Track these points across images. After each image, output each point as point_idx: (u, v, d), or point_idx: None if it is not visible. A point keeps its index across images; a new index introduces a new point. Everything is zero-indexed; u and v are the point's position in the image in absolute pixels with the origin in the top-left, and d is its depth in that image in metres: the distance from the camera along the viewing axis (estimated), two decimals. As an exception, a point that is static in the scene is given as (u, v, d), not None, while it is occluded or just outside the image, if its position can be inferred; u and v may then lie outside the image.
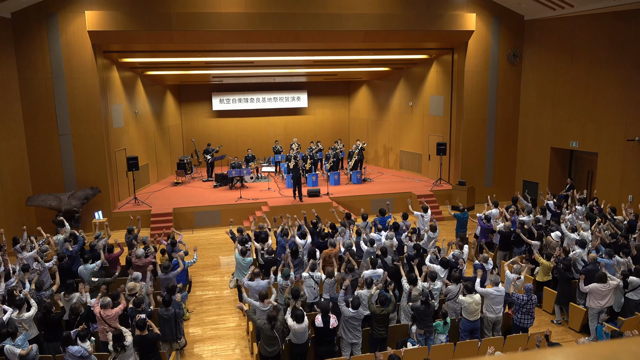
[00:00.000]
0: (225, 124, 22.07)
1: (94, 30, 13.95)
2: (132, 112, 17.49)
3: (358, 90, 22.84)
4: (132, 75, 17.66)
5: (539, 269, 9.99)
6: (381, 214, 12.23)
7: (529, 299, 8.21)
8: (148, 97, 18.84)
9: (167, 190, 18.09)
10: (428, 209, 12.31)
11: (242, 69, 18.64)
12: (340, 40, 15.75)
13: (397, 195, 17.03)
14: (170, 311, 7.84)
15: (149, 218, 15.16)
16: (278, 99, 22.02)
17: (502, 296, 8.25)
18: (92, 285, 8.84)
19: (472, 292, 8.07)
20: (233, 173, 17.51)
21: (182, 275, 9.73)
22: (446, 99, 18.01)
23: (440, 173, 18.06)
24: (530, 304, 8.21)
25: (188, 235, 15.25)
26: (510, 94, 17.31)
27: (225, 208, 15.83)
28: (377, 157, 22.00)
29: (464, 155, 17.38)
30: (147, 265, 9.43)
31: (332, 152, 18.95)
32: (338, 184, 18.28)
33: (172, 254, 10.06)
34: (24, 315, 7.60)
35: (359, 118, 22.87)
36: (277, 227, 11.62)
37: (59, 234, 11.57)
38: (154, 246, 10.28)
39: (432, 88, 18.70)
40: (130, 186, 16.65)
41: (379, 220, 11.86)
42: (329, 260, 9.80)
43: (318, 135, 22.78)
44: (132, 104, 17.54)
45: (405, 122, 20.19)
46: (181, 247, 10.77)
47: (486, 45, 16.78)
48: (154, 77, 18.89)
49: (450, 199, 16.60)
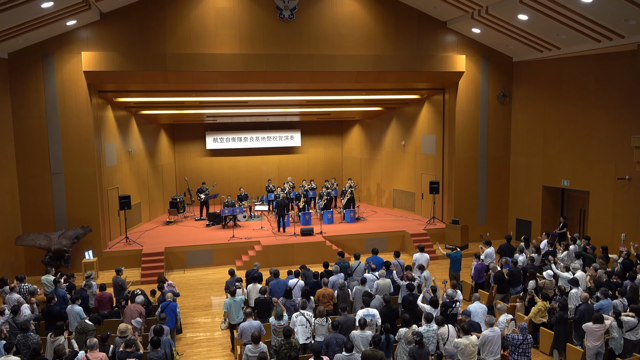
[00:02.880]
0: (218, 162, 22.13)
1: (90, 70, 14.18)
2: (126, 151, 17.56)
3: (351, 129, 23.03)
4: (126, 114, 17.81)
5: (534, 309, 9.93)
6: (373, 252, 12.22)
7: (524, 339, 8.14)
8: (142, 136, 18.95)
9: (159, 229, 18.02)
10: (424, 249, 12.34)
11: (236, 108, 18.81)
12: (332, 80, 16.02)
13: (390, 234, 17.01)
14: (160, 352, 7.69)
15: (139, 258, 15.08)
16: (271, 138, 22.16)
17: (498, 336, 8.16)
18: (79, 327, 8.69)
19: (468, 333, 7.98)
20: (226, 212, 17.51)
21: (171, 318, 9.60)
22: (438, 138, 18.19)
23: (434, 211, 18.08)
24: (526, 344, 8.14)
25: (179, 275, 15.12)
26: (500, 132, 17.54)
27: (218, 247, 15.77)
28: (370, 196, 22.01)
29: (457, 194, 17.44)
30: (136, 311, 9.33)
31: (325, 191, 19.03)
32: (331, 223, 18.25)
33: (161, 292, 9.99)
34: (10, 357, 7.46)
35: (352, 157, 23.00)
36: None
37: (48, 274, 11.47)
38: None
39: (424, 127, 18.91)
40: (122, 225, 16.54)
41: (372, 261, 11.84)
42: (323, 299, 9.74)
43: (311, 174, 22.85)
44: (126, 143, 17.62)
45: (398, 160, 20.31)
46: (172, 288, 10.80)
47: (476, 85, 17.11)
48: (148, 116, 19.04)
49: (445, 238, 16.61)
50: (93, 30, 14.31)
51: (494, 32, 15.61)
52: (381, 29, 16.00)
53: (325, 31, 15.53)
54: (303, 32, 15.37)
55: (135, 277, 14.38)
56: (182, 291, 13.25)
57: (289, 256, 15.63)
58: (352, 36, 15.74)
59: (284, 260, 15.52)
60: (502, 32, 15.35)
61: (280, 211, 16.81)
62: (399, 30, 16.13)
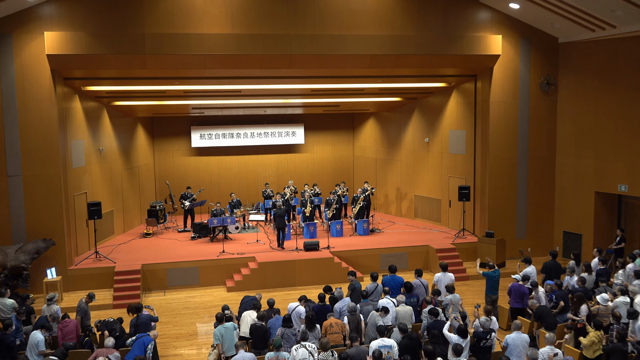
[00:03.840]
0: (206, 163, 22.16)
1: (54, 53, 14.26)
2: (96, 149, 17.64)
3: (364, 123, 23.03)
4: (97, 105, 17.90)
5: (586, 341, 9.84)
6: (391, 271, 12.22)
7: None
8: (115, 132, 19.03)
9: (135, 242, 18.08)
10: (447, 267, 12.33)
11: (227, 98, 18.85)
12: (342, 65, 16.05)
13: (412, 250, 17.00)
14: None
15: (111, 277, 15.14)
16: (269, 134, 22.22)
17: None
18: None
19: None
20: (215, 222, 17.54)
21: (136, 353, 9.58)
22: (469, 134, 18.20)
23: (464, 222, 18.04)
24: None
25: (159, 297, 15.15)
26: (544, 128, 17.52)
27: (205, 264, 15.82)
28: (388, 203, 21.98)
29: (492, 201, 17.41)
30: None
31: (333, 198, 19.07)
32: (341, 236, 18.31)
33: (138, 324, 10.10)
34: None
35: (366, 157, 22.96)
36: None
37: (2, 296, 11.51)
38: None
39: (451, 121, 18.91)
40: (91, 238, 16.57)
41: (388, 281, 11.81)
42: (331, 330, 9.74)
43: (317, 177, 22.87)
44: (96, 140, 17.71)
45: (421, 161, 20.28)
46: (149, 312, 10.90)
47: (515, 72, 17.10)
48: (122, 108, 19.11)
49: (477, 254, 16.52)
50: (58, 7, 14.36)
51: (537, 8, 15.56)
52: (400, 4, 15.99)
53: (333, 7, 15.55)
54: (307, 9, 15.39)
55: (106, 300, 14.47)
56: (162, 316, 13.26)
57: (290, 275, 15.68)
58: (365, 13, 15.74)
59: (282, 280, 15.60)
60: (546, 7, 15.28)
61: (279, 222, 16.86)
62: (421, 5, 16.13)
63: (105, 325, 10.37)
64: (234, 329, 9.92)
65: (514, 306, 11.92)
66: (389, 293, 11.11)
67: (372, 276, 11.77)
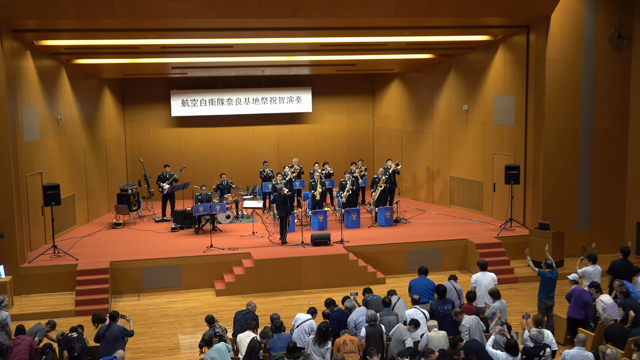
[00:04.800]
0: (190, 136, 22.25)
1: (-1, -1, 14.17)
2: (53, 119, 17.59)
3: (387, 87, 22.92)
4: (54, 65, 17.84)
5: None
6: (421, 273, 12.26)
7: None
8: (77, 98, 19.01)
9: (102, 235, 18.15)
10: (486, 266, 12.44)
11: (215, 56, 18.81)
12: (360, 14, 15.92)
13: (446, 245, 17.09)
14: None
15: (73, 277, 15.16)
16: (269, 100, 22.16)
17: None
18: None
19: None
20: (200, 210, 17.49)
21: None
22: (519, 101, 18.05)
23: (511, 211, 17.96)
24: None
25: (132, 302, 15.12)
26: (614, 92, 17.41)
27: (189, 262, 15.85)
28: (416, 187, 21.95)
29: (547, 184, 17.33)
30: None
31: (348, 179, 18.89)
32: (357, 227, 18.28)
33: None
34: None
35: (389, 128, 22.90)
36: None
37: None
38: None
39: (497, 84, 18.74)
40: (48, 229, 16.57)
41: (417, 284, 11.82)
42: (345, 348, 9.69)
43: (327, 154, 22.91)
44: (53, 108, 17.65)
45: (458, 134, 20.19)
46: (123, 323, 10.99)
47: (578, 22, 16.92)
48: (86, 68, 19.06)
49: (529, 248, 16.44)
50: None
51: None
52: None
53: (349, -62, 15.40)
54: (315, -61, 15.27)
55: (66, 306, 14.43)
56: (136, 326, 13.19)
57: (294, 276, 15.73)
58: (389, -55, 15.58)
59: (284, 283, 15.67)
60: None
61: (281, 209, 16.73)
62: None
63: (65, 342, 10.40)
64: (227, 350, 9.87)
65: (573, 316, 11.92)
66: (418, 302, 11.08)
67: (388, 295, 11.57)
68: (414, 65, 21.15)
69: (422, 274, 12.25)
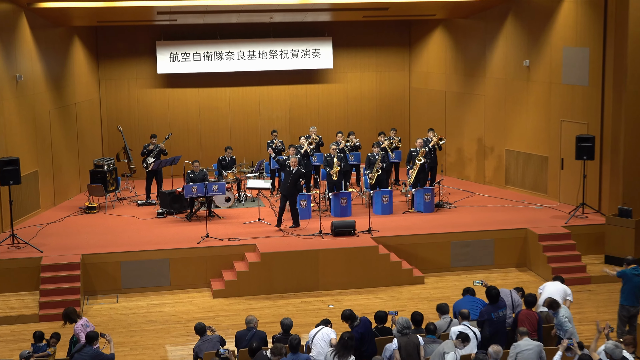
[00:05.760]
0: (180, 98, 22.43)
1: None
2: (11, 78, 17.57)
3: (427, 37, 22.99)
4: (11, 9, 17.75)
5: None
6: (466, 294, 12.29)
7: None
8: (40, 51, 19.01)
9: (71, 221, 18.28)
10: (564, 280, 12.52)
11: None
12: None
13: (500, 236, 17.12)
14: None
15: (37, 273, 15.17)
16: (279, 53, 22.22)
17: None
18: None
19: None
20: (193, 191, 17.45)
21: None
22: (594, 55, 17.95)
23: (584, 194, 17.88)
24: None
25: (109, 305, 15.21)
26: None
27: (179, 256, 15.90)
28: (463, 162, 22.08)
29: (629, 161, 17.31)
30: None
31: (377, 153, 18.83)
32: (389, 213, 18.34)
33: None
34: None
35: (429, 89, 22.94)
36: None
37: None
38: None
39: (567, 34, 18.64)
40: (5, 213, 16.67)
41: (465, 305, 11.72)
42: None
43: (352, 122, 22.93)
44: (11, 64, 17.62)
45: (517, 97, 20.14)
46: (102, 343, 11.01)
47: (671, -48, 16.73)
48: (51, 13, 18.98)
49: (605, 243, 16.54)
50: None
51: None
52: None
53: None
54: None
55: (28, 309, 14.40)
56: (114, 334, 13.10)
57: (310, 274, 15.74)
58: None
59: (298, 283, 15.67)
60: None
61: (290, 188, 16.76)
62: None
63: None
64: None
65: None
66: (467, 318, 11.05)
67: (439, 309, 11.62)
68: (462, 9, 21.09)
69: (468, 294, 12.19)
